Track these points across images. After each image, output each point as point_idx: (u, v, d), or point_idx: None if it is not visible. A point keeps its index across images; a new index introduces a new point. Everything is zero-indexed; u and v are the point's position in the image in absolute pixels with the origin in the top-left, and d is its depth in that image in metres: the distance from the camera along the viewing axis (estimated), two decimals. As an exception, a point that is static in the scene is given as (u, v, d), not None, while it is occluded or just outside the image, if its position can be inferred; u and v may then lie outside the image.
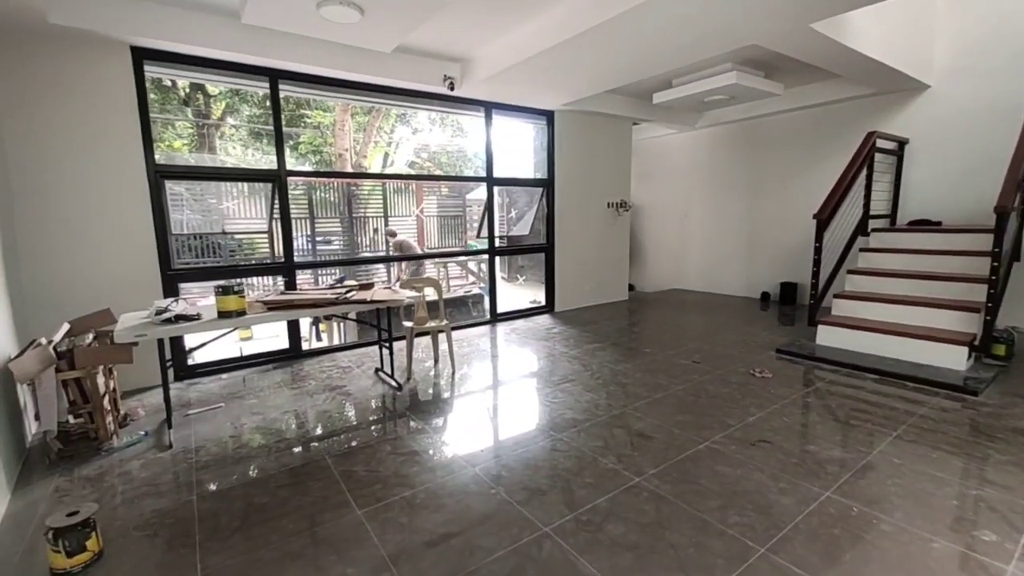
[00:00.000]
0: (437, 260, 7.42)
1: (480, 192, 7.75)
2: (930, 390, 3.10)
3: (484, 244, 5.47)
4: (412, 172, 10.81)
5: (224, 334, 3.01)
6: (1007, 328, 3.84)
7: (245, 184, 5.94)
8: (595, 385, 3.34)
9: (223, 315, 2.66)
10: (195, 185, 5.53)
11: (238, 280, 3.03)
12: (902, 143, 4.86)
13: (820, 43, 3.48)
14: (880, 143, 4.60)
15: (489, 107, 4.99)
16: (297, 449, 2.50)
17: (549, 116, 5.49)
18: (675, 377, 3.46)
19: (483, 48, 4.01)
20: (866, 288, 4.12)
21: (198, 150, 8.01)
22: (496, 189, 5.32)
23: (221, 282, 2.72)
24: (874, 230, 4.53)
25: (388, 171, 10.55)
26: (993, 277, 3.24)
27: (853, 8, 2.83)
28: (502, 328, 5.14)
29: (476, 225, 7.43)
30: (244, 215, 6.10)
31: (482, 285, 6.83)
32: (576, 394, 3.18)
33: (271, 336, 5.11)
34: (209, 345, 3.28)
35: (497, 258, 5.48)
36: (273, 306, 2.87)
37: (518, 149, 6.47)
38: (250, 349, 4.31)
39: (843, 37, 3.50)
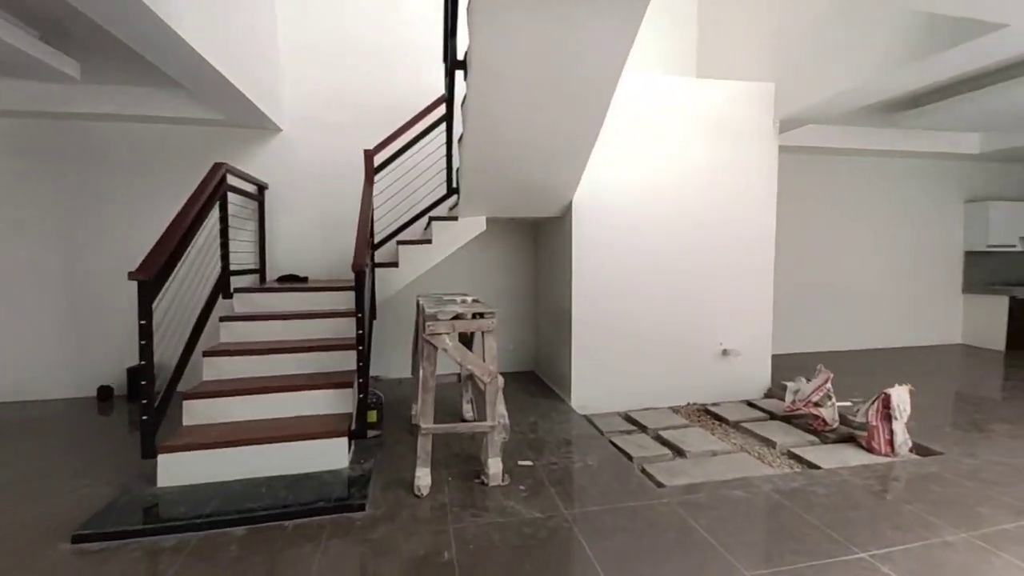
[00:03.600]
0: None
1: None
2: (314, 525, 2.18)
3: None
4: None
5: None
6: (373, 381, 3.73)
7: None
8: None
9: None
10: None
11: None
12: (261, 187, 4.17)
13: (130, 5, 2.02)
14: (237, 183, 3.66)
15: None
16: None
17: None
18: None
19: None
20: (230, 374, 2.95)
21: None
22: None
23: None
24: (237, 290, 3.50)
25: None
26: (361, 347, 2.79)
27: None
28: None
29: None
30: None
31: None
32: None
33: None
34: None
35: None
36: None
37: None
38: None
39: (168, 15, 2.19)
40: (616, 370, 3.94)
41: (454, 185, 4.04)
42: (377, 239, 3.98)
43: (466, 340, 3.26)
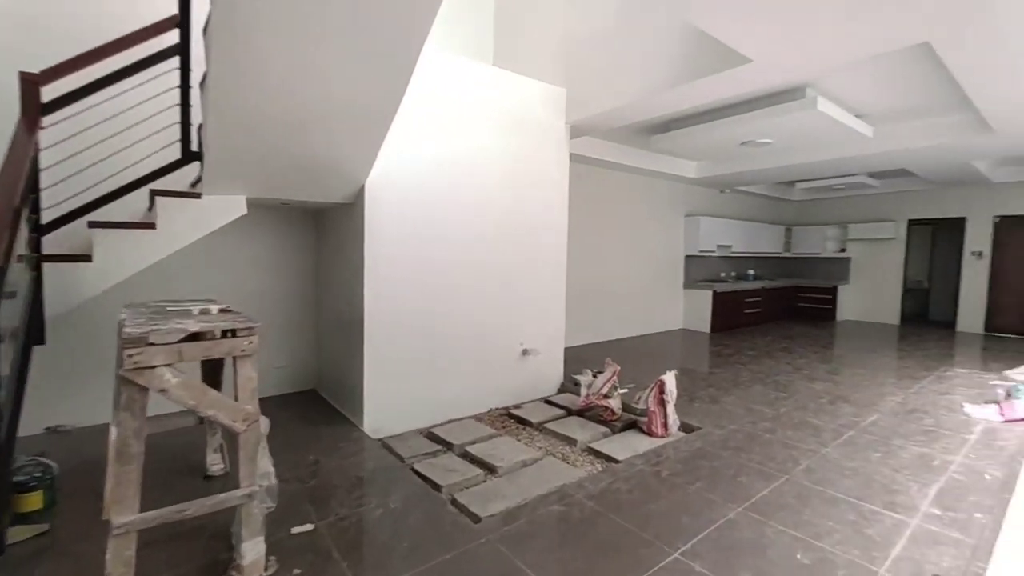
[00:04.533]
0: None
1: None
2: None
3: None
4: None
5: None
6: (50, 434, 2.40)
7: None
8: None
9: None
10: None
11: None
12: None
13: None
14: None
15: None
16: None
17: None
18: None
19: None
20: None
21: None
22: None
23: None
24: None
25: None
26: (-16, 397, 1.62)
27: None
28: None
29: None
30: None
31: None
32: None
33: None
34: None
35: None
36: None
37: None
38: None
39: None
40: (416, 381, 3.47)
41: (194, 148, 2.94)
42: (48, 217, 2.58)
43: (214, 369, 2.32)
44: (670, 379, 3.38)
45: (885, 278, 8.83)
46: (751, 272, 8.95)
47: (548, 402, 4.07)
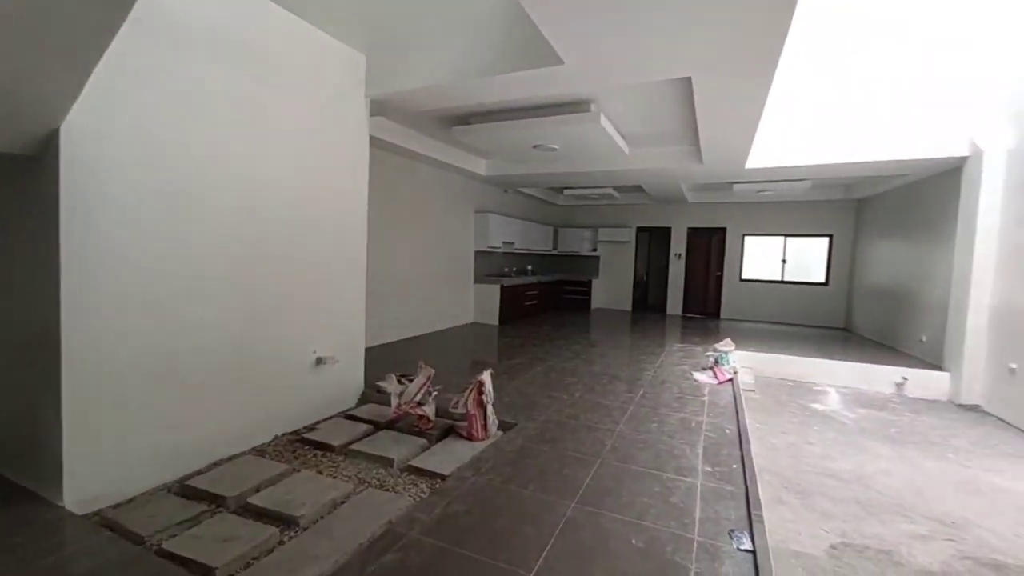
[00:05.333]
0: None
1: None
2: None
3: None
4: None
5: None
6: None
7: None
8: None
9: None
10: None
11: None
12: None
13: None
14: None
15: None
16: None
17: None
18: None
19: None
20: None
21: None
22: None
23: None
24: None
25: None
26: None
27: None
28: None
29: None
30: None
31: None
32: None
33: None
34: None
35: None
36: None
37: None
38: None
39: None
40: (154, 415, 2.46)
41: None
42: None
43: None
44: (487, 379, 3.27)
45: (622, 273, 10.91)
46: (529, 268, 9.84)
47: (351, 417, 3.49)
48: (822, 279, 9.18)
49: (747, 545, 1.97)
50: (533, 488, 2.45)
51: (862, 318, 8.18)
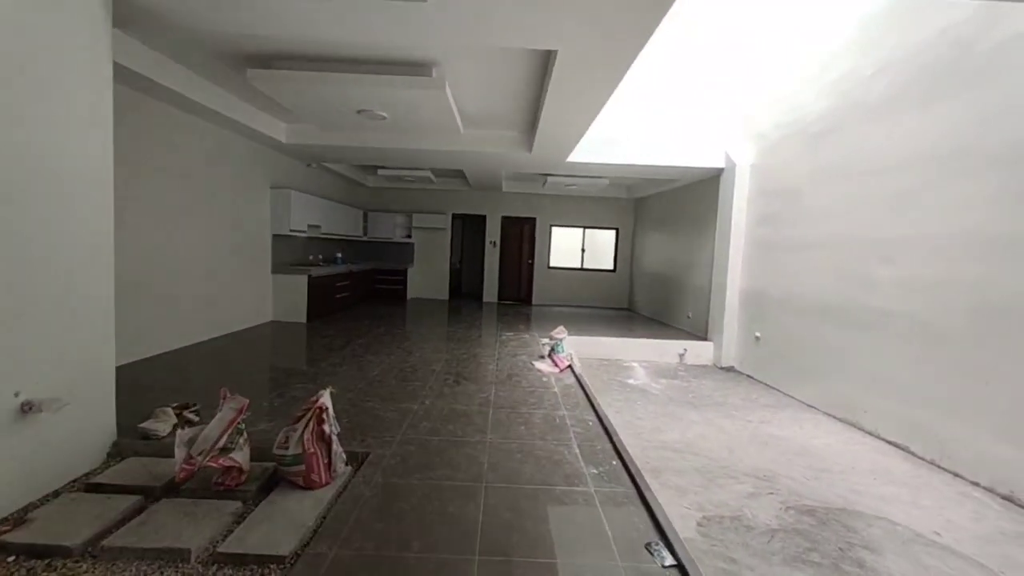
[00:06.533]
0: None
1: None
2: None
3: None
4: None
5: None
6: None
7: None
8: None
9: None
10: None
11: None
12: None
13: None
14: None
15: None
16: None
17: None
18: None
19: None
20: None
21: None
22: None
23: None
24: None
25: None
26: None
27: None
28: None
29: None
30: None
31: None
32: None
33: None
34: None
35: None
36: None
37: None
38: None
39: None
40: None
41: None
42: None
43: None
44: (328, 401, 2.50)
45: (439, 261, 10.58)
46: (339, 255, 8.62)
47: (95, 487, 2.25)
48: (611, 266, 10.55)
49: (669, 560, 1.84)
50: (418, 547, 1.89)
51: (641, 299, 9.69)
